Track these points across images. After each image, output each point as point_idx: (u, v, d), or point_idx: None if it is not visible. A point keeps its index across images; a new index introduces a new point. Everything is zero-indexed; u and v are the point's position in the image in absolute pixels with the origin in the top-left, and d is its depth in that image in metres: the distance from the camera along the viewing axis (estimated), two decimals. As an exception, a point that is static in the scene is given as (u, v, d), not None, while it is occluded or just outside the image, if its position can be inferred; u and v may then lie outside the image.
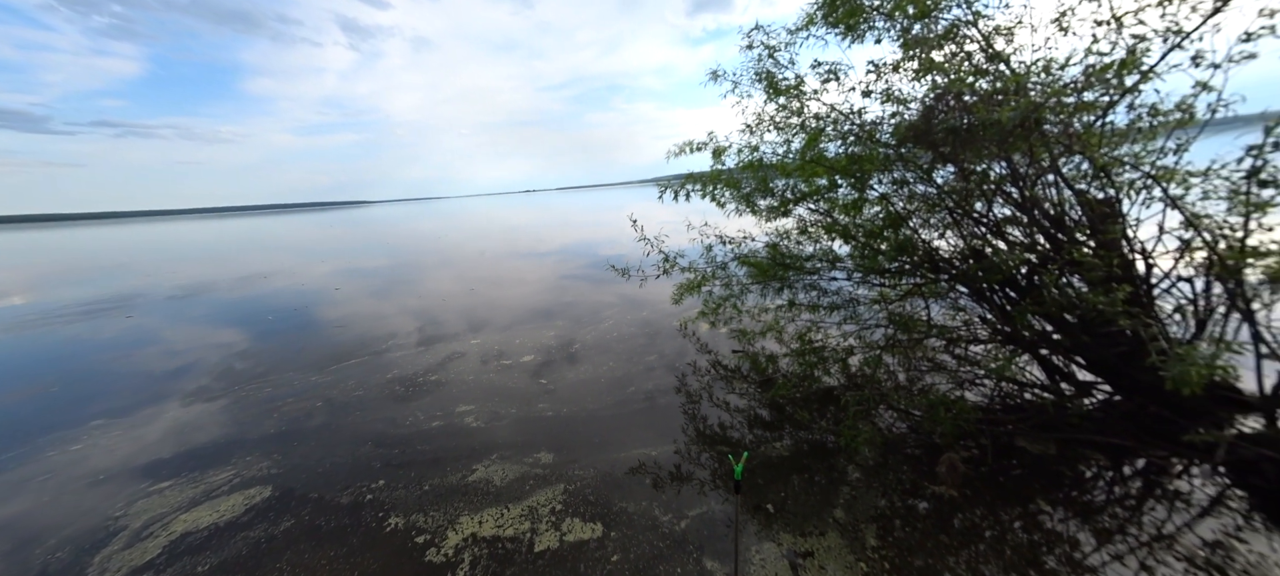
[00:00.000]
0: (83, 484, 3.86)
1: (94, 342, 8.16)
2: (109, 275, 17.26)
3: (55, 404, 5.59)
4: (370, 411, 4.88)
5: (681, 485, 3.37)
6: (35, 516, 3.48)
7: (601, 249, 16.14)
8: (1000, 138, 3.12)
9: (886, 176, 4.14)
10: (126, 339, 8.26)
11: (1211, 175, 2.92)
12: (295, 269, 15.90)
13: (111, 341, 8.17)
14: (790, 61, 4.22)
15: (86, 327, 9.26)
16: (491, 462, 3.79)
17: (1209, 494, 2.85)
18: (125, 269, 18.82)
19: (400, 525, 3.16)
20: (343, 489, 3.58)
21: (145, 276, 16.26)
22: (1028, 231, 3.48)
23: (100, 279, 16.36)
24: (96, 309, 11.04)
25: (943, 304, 4.22)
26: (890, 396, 4.10)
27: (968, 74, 3.37)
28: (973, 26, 3.37)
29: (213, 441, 4.44)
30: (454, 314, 8.60)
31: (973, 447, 3.37)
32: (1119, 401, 3.43)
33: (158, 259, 22.13)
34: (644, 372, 5.40)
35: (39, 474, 4.06)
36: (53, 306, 11.70)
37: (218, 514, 3.37)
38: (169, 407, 5.28)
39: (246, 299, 11.25)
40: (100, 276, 17.10)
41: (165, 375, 6.31)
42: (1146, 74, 2.91)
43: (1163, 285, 3.23)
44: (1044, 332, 3.51)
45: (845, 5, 3.64)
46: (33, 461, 4.28)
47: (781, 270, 4.77)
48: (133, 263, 21.09)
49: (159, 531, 3.22)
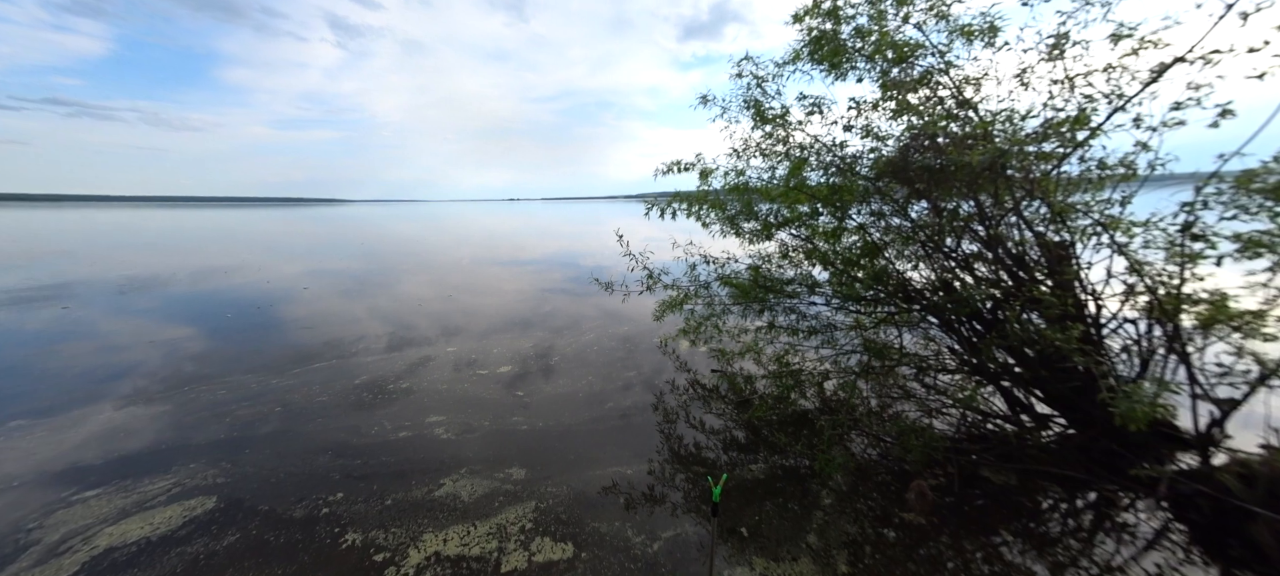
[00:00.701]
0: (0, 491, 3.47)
1: (20, 334, 7.46)
2: (47, 262, 15.95)
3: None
4: (332, 419, 4.62)
5: (655, 506, 3.31)
6: (-69, 526, 3.09)
7: (583, 261, 16.07)
8: (970, 179, 3.33)
9: (865, 207, 4.32)
10: (60, 332, 7.60)
11: (1151, 226, 3.19)
12: (262, 265, 15.11)
13: (41, 334, 7.49)
14: (777, 92, 4.40)
15: (13, 317, 8.48)
16: (460, 477, 3.63)
17: (1153, 527, 3.01)
18: (68, 255, 17.45)
19: (357, 541, 2.97)
20: (296, 501, 3.34)
21: (91, 264, 15.12)
22: (993, 268, 3.68)
23: (36, 265, 15.09)
24: (28, 297, 10.14)
25: (914, 333, 4.38)
26: (863, 422, 4.19)
27: (940, 117, 3.60)
28: (945, 74, 3.61)
29: (151, 447, 4.09)
30: (429, 319, 8.33)
31: (940, 475, 3.46)
32: (1073, 434, 3.61)
33: (108, 246, 20.63)
34: (622, 389, 5.34)
35: (-59, 477, 3.63)
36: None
37: (151, 526, 3.08)
38: (103, 409, 4.85)
39: (204, 294, 10.58)
40: (37, 262, 15.78)
41: (104, 373, 5.82)
42: (1095, 131, 3.19)
43: (1111, 325, 3.46)
44: (1006, 365, 3.69)
45: (829, 45, 3.84)
46: (-65, 462, 3.83)
47: (762, 292, 4.86)
48: (77, 249, 19.58)
49: (79, 545, 2.91)
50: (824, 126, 4.24)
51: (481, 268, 14.72)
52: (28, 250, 18.94)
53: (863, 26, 3.77)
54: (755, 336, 5.21)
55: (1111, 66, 3.12)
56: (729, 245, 5.14)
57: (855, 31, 3.81)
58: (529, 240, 24.46)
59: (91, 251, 18.54)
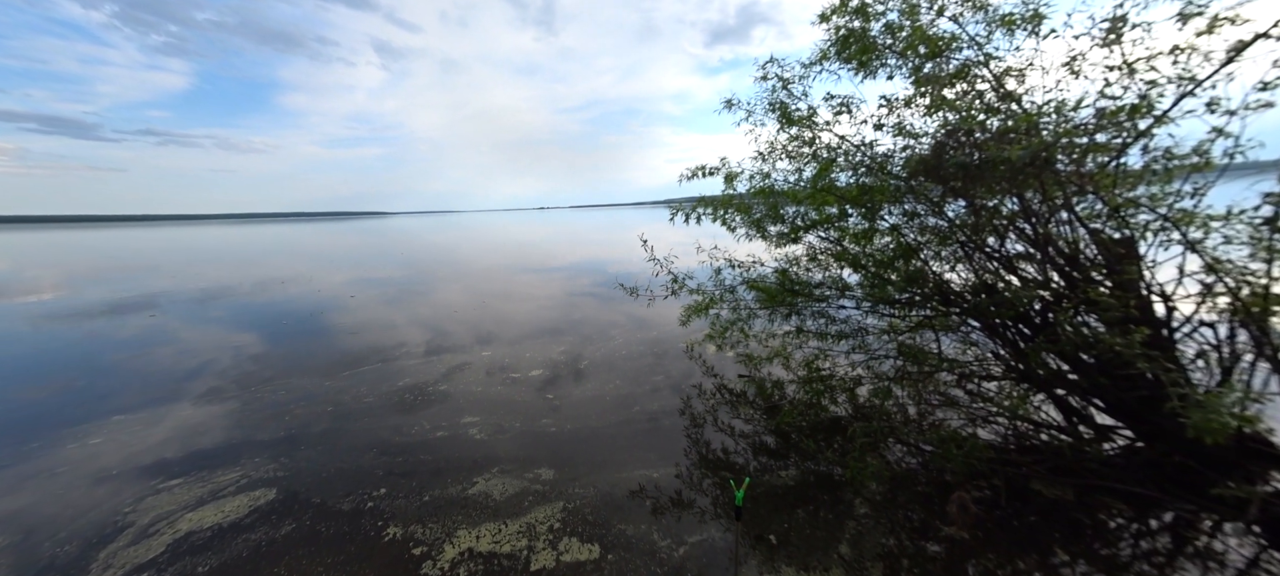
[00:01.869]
0: (96, 478, 3.94)
1: (117, 339, 8.44)
2: (138, 275, 17.96)
3: (79, 397, 5.76)
4: (377, 419, 4.93)
5: (682, 510, 3.30)
6: (47, 508, 3.56)
7: (611, 267, 16.28)
8: (1011, 174, 3.14)
9: (897, 208, 4.16)
10: (148, 337, 8.53)
11: (1231, 220, 2.88)
12: (313, 275, 16.34)
13: (134, 339, 8.44)
14: (804, 93, 4.34)
15: (112, 324, 9.60)
16: (492, 476, 3.77)
17: (1244, 555, 2.69)
18: (154, 270, 19.57)
19: (398, 535, 3.14)
20: (345, 495, 3.59)
21: (171, 277, 16.88)
22: (1041, 268, 3.44)
23: (130, 278, 17.03)
24: (123, 307, 11.46)
25: (954, 338, 4.15)
26: (899, 430, 4.00)
27: (979, 112, 3.42)
28: (984, 67, 3.44)
29: (223, 442, 4.52)
30: (464, 326, 8.71)
31: (985, 488, 3.25)
32: (1141, 448, 3.29)
33: (185, 261, 22.97)
34: (649, 393, 5.37)
35: (57, 466, 4.17)
36: (84, 303, 12.19)
37: (223, 514, 3.40)
38: (183, 407, 5.40)
39: (264, 303, 11.56)
40: (130, 276, 17.81)
41: (182, 374, 6.48)
42: (1160, 119, 2.93)
43: (1184, 329, 3.14)
44: (1059, 372, 3.42)
45: (858, 43, 3.75)
46: (53, 453, 4.40)
47: (790, 296, 4.77)
48: (161, 264, 21.93)
49: (165, 529, 3.26)
50: (852, 126, 4.14)
51: (513, 275, 15.23)
52: (123, 265, 21.43)
53: (893, 22, 3.67)
54: (783, 341, 5.10)
55: (1179, 48, 2.87)
56: (755, 249, 5.08)
57: (885, 28, 3.71)
58: (558, 248, 25.06)
59: (170, 265, 20.71)
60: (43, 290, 14.32)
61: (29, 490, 3.77)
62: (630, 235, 31.93)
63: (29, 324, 9.63)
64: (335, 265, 19.43)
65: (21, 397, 5.74)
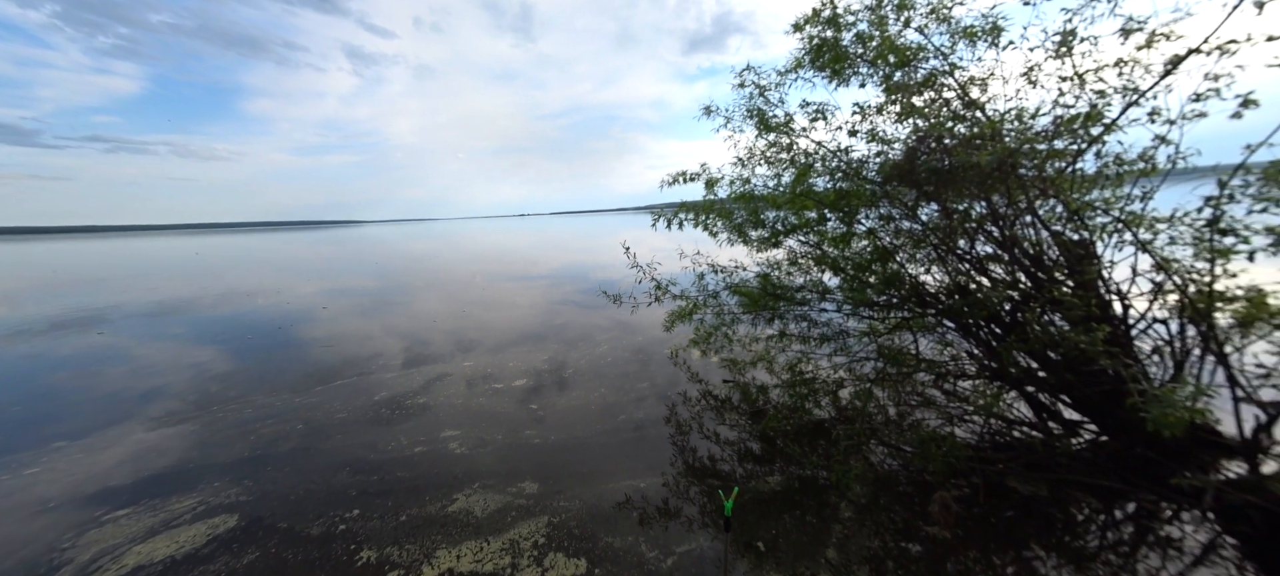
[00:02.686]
0: (32, 510, 3.60)
1: (59, 359, 7.82)
2: (84, 290, 16.74)
3: (13, 424, 5.29)
4: (350, 435, 4.70)
5: (669, 520, 3.25)
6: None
7: (593, 273, 16.18)
8: (980, 179, 3.27)
9: (873, 212, 4.28)
10: (94, 357, 7.94)
11: (1176, 222, 3.08)
12: (281, 286, 15.60)
13: (77, 358, 7.84)
14: (780, 100, 4.43)
15: (53, 343, 8.90)
16: (473, 492, 3.64)
17: (1201, 541, 2.83)
18: (102, 283, 18.30)
19: (373, 559, 2.98)
20: (315, 518, 3.39)
21: (123, 292, 15.81)
22: (1010, 269, 3.59)
23: (74, 294, 15.86)
24: (66, 324, 10.65)
25: (931, 338, 4.27)
26: (881, 431, 4.07)
27: (946, 119, 3.56)
28: (949, 76, 3.59)
29: (178, 466, 4.21)
30: (443, 335, 8.45)
31: (965, 486, 3.33)
32: (1106, 442, 3.45)
33: (138, 274, 21.59)
34: (635, 401, 5.31)
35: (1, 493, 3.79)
36: (21, 321, 11.26)
37: (177, 544, 3.15)
38: (135, 430, 5.02)
39: (227, 317, 10.95)
40: (74, 291, 16.58)
41: (135, 396, 6.04)
42: (1109, 127, 3.12)
43: (1139, 326, 3.32)
44: (1030, 370, 3.56)
45: (831, 52, 3.86)
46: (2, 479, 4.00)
47: (772, 300, 4.82)
48: (110, 277, 20.53)
49: (108, 565, 2.99)
50: (828, 132, 4.25)
51: (494, 283, 14.93)
52: (68, 279, 19.95)
53: (864, 32, 3.79)
54: (767, 345, 5.15)
55: (1123, 61, 3.07)
56: (737, 253, 5.13)
57: (856, 37, 3.83)
58: (540, 254, 24.77)
59: (124, 279, 19.41)
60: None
61: (-49, 529, 3.41)
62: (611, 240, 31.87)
63: (-43, 344, 8.82)
64: (305, 275, 18.61)
65: (-54, 426, 5.23)
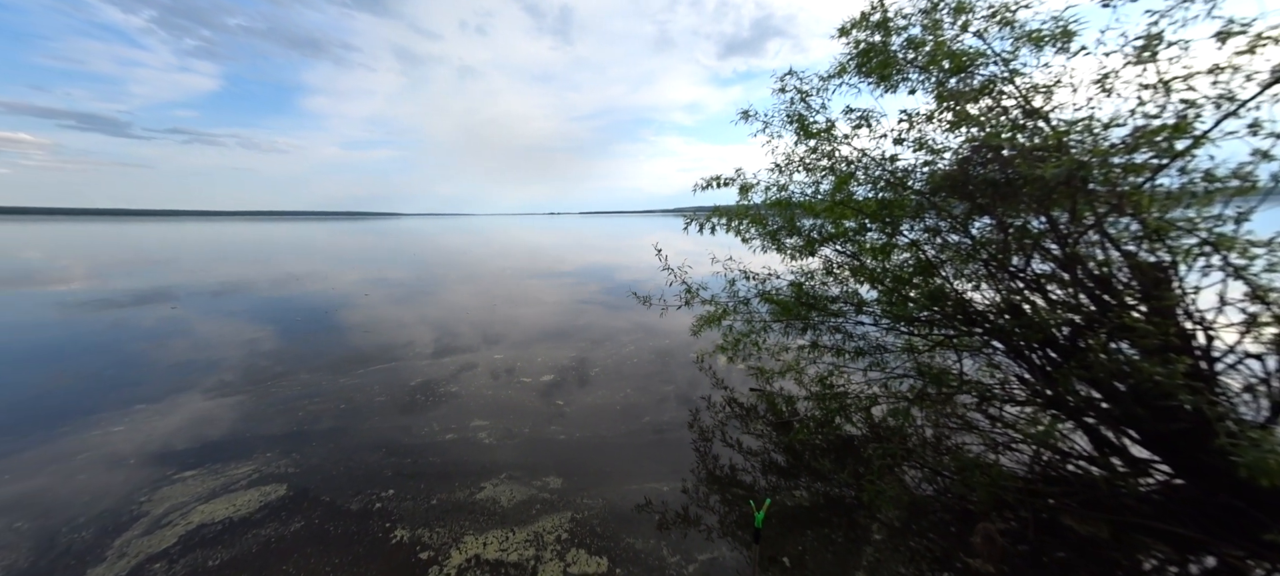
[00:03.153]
0: (114, 466, 4.01)
1: (140, 329, 8.66)
2: (160, 269, 18.49)
3: (106, 385, 5.90)
4: (386, 418, 4.94)
5: (690, 527, 3.22)
6: (65, 494, 3.62)
7: (619, 274, 16.29)
8: (1042, 193, 3.05)
9: (918, 223, 4.07)
10: (168, 328, 8.74)
11: (1276, 247, 2.75)
12: (327, 273, 16.63)
13: (155, 330, 8.65)
14: (822, 106, 4.30)
15: (135, 314, 9.86)
16: (500, 482, 3.74)
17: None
18: (174, 263, 20.13)
19: (406, 538, 3.12)
20: (354, 494, 3.59)
21: (191, 271, 17.34)
22: (1071, 291, 3.32)
23: (152, 271, 17.54)
24: (146, 298, 11.79)
25: (976, 359, 4.02)
26: (918, 452, 3.88)
27: (1004, 128, 3.35)
28: (1010, 83, 3.37)
29: (236, 435, 4.57)
30: (473, 327, 8.75)
31: (1011, 519, 3.12)
32: (1182, 485, 3.13)
33: (207, 256, 23.60)
34: (657, 403, 5.30)
35: (81, 450, 4.26)
36: (112, 293, 12.57)
37: (234, 508, 3.42)
38: (196, 398, 5.49)
39: (279, 299, 11.78)
40: (153, 268, 18.34)
41: (198, 366, 6.60)
42: (1199, 139, 2.82)
43: (1227, 360, 2.99)
44: (1090, 399, 3.28)
45: (879, 57, 3.71)
46: (79, 437, 4.50)
47: (805, 310, 4.69)
48: (181, 258, 22.57)
49: (177, 520, 3.29)
50: (872, 140, 4.08)
51: (523, 279, 15.31)
52: (147, 258, 22.09)
53: (916, 37, 3.62)
54: (797, 355, 5.01)
55: (1219, 67, 2.77)
56: (770, 261, 5.02)
57: (907, 42, 3.66)
58: (568, 253, 25.18)
59: (193, 260, 21.29)
60: (73, 280, 14.81)
61: (48, 474, 3.85)
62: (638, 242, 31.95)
63: (61, 311, 9.94)
64: (349, 263, 19.76)
65: (54, 383, 5.90)
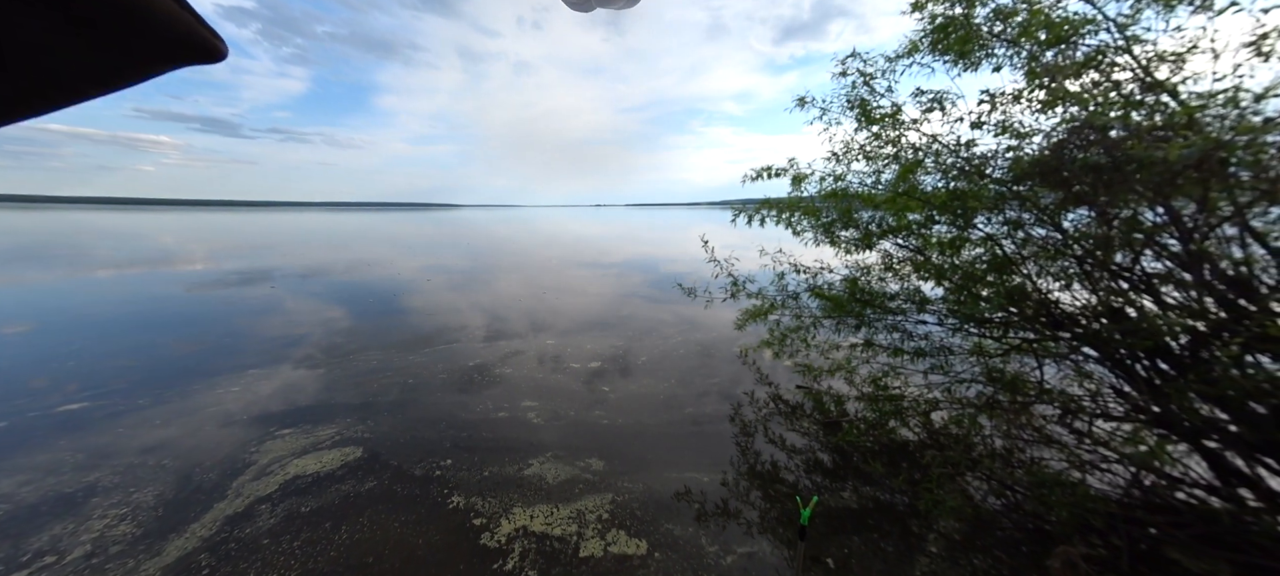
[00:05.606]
0: (230, 422, 4.70)
1: (244, 305, 10.00)
2: (260, 253, 21.18)
3: (222, 352, 6.91)
4: (445, 394, 5.35)
5: (729, 519, 3.20)
6: (195, 442, 4.30)
7: (663, 266, 16.30)
8: (1163, 179, 2.63)
9: (995, 216, 3.68)
10: (266, 305, 10.01)
11: None
12: (393, 260, 18.19)
13: (256, 306, 9.95)
14: (888, 89, 3.99)
15: (241, 292, 11.41)
16: (546, 460, 3.93)
17: None
18: (271, 249, 22.97)
19: (461, 504, 3.39)
20: (417, 461, 3.94)
21: (284, 256, 19.68)
22: (1192, 293, 2.85)
23: (255, 255, 20.14)
24: (250, 278, 13.57)
25: (1060, 366, 3.59)
26: (984, 463, 3.55)
27: (1114, 105, 2.91)
28: (1126, 52, 2.91)
29: (320, 401, 5.17)
30: (522, 314, 9.18)
31: (1099, 545, 2.78)
32: (1329, 526, 2.61)
33: (293, 242, 26.70)
34: (698, 396, 5.29)
35: (206, 406, 5.04)
36: (222, 273, 14.62)
37: (321, 464, 3.89)
38: (292, 369, 6.26)
39: (353, 282, 13.07)
40: (256, 252, 21.05)
41: (288, 340, 7.52)
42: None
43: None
44: (1214, 420, 2.81)
45: (959, 32, 3.36)
46: (204, 396, 5.33)
47: (859, 306, 4.42)
48: (278, 244, 25.70)
49: (277, 470, 3.80)
50: (945, 124, 3.73)
51: (569, 270, 15.79)
52: (252, 244, 25.42)
53: (1005, 6, 3.24)
54: (849, 354, 4.76)
55: None
56: (823, 254, 4.78)
57: (994, 13, 3.29)
58: (613, 244, 25.60)
59: (286, 246, 24.20)
60: (196, 261, 17.44)
61: (180, 424, 4.60)
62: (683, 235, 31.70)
63: (186, 288, 11.75)
64: (412, 251, 21.47)
65: (183, 350, 7.02)
